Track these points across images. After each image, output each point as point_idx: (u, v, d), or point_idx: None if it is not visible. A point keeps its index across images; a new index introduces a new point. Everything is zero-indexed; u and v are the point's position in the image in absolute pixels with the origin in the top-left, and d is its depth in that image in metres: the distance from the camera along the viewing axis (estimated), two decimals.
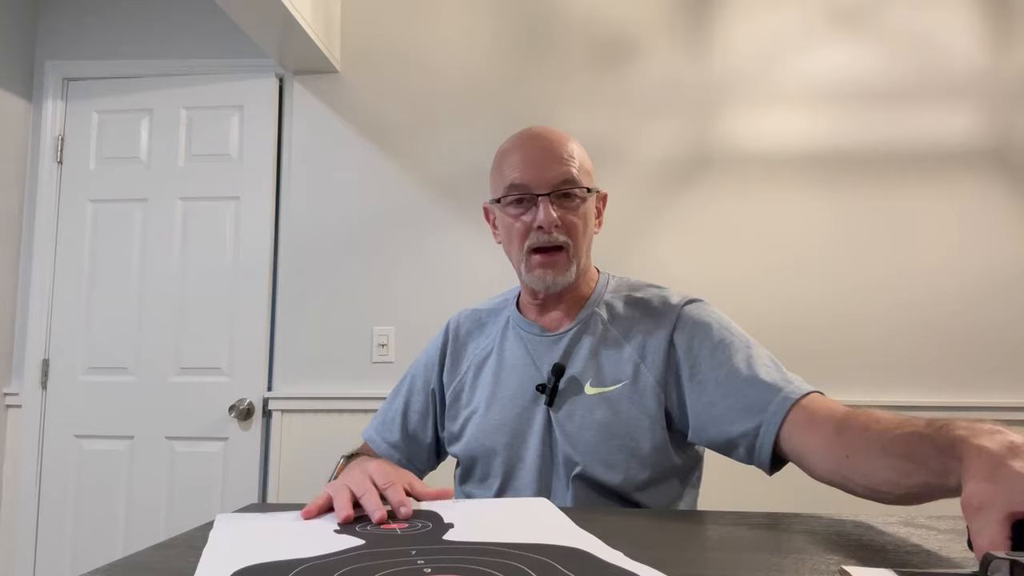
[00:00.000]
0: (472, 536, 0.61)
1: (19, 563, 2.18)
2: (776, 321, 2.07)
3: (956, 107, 2.15)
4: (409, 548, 0.57)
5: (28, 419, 2.24)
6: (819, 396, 0.82)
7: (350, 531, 0.63)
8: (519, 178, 0.93)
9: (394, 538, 0.61)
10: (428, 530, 0.63)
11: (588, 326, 0.97)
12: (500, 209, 0.97)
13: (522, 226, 0.94)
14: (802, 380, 0.84)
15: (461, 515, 0.69)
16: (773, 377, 0.84)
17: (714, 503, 1.00)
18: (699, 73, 2.21)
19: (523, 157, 0.95)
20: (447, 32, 2.29)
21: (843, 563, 0.55)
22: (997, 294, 2.08)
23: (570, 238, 0.94)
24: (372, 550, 0.57)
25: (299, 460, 2.16)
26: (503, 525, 0.65)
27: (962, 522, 0.52)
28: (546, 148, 0.95)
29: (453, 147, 2.24)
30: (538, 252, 0.94)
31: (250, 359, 2.20)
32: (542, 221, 0.91)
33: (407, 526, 0.65)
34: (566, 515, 0.69)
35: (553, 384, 0.94)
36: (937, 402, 2.02)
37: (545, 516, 0.69)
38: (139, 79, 2.36)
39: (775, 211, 2.15)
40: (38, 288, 2.29)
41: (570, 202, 0.94)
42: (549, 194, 0.92)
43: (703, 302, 0.97)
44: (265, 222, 2.24)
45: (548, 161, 0.93)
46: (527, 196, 0.94)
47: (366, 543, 0.59)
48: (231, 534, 0.64)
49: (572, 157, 0.95)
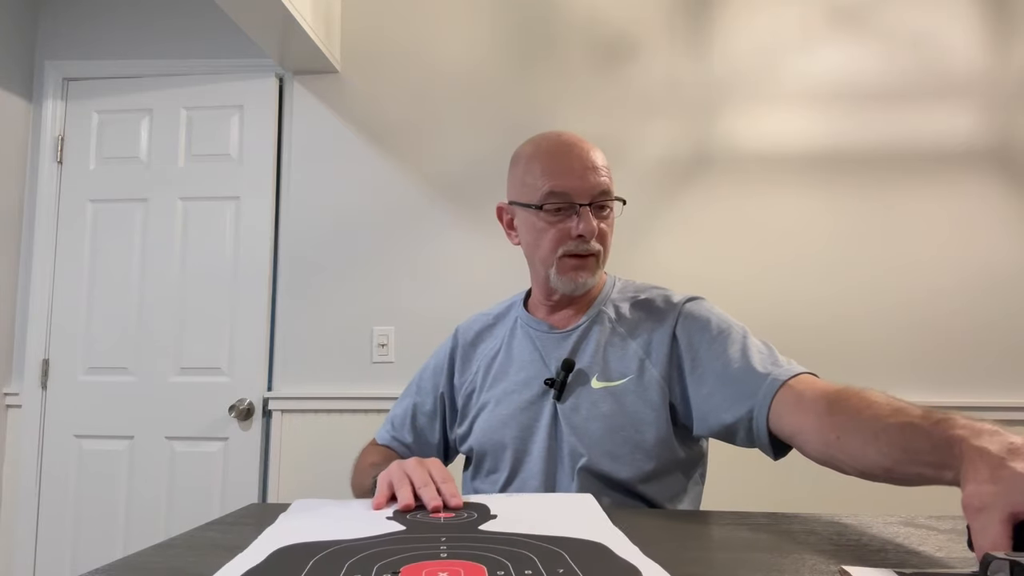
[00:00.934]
0: (506, 528, 0.62)
1: (19, 563, 2.18)
2: (775, 321, 2.07)
3: (955, 107, 2.15)
4: (440, 535, 0.59)
5: (28, 419, 2.24)
6: (809, 377, 0.84)
7: (400, 518, 0.67)
8: (560, 186, 0.95)
9: (434, 526, 0.63)
10: (470, 520, 0.65)
11: (596, 323, 1.00)
12: (532, 213, 0.98)
13: (557, 232, 0.96)
14: (795, 363, 0.87)
15: (507, 508, 0.71)
16: (764, 363, 0.87)
17: (715, 502, 1.00)
18: (699, 73, 2.21)
19: (562, 165, 0.96)
20: (447, 32, 2.29)
21: (843, 563, 0.55)
22: (996, 294, 2.08)
23: (602, 246, 0.98)
24: (408, 535, 0.60)
25: (299, 460, 2.16)
26: (540, 519, 0.66)
27: (962, 522, 0.52)
28: (583, 157, 0.97)
29: (453, 147, 2.24)
30: (573, 257, 0.97)
31: (250, 359, 2.20)
32: (584, 231, 0.94)
33: (453, 515, 0.67)
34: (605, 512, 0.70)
35: (563, 378, 0.96)
36: (937, 402, 2.01)
37: (582, 511, 0.70)
38: (139, 79, 2.36)
39: (775, 211, 2.15)
40: (38, 288, 2.29)
41: (603, 212, 0.98)
42: (590, 204, 0.95)
43: (703, 299, 1.00)
44: (265, 222, 2.25)
45: (586, 171, 0.96)
46: (566, 204, 0.95)
47: (407, 529, 0.62)
48: (294, 517, 0.68)
49: (606, 167, 0.99)
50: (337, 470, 2.14)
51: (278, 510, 0.73)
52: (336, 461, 2.13)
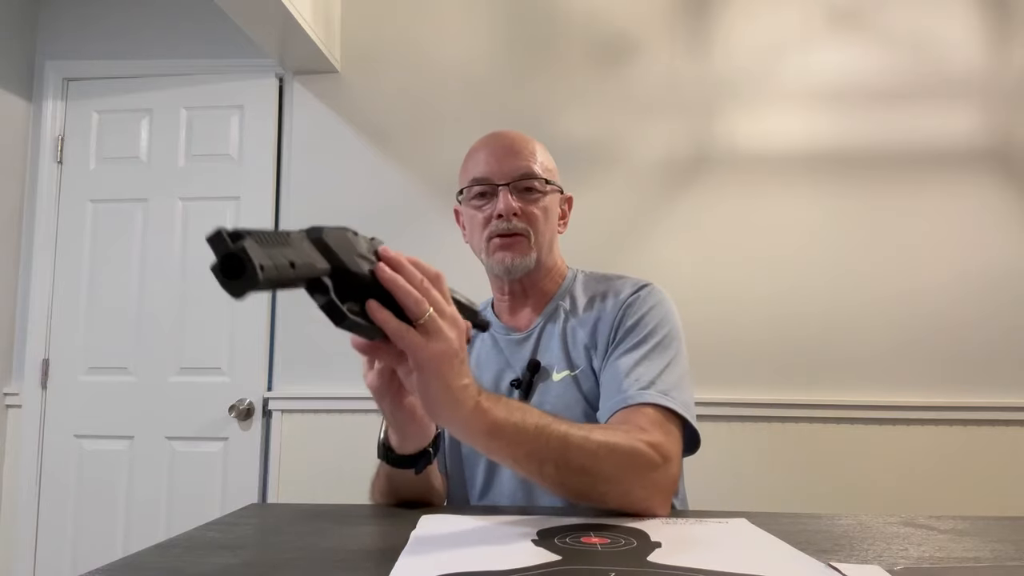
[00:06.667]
0: (678, 560, 0.56)
1: (19, 563, 2.18)
2: (776, 320, 2.07)
3: (955, 107, 2.15)
4: (608, 569, 0.53)
5: (28, 419, 2.24)
6: (648, 411, 0.83)
7: (547, 544, 0.61)
8: (480, 172, 1.00)
9: (593, 555, 0.57)
10: (631, 548, 0.60)
11: (552, 319, 1.02)
12: (465, 202, 1.03)
13: (484, 217, 0.99)
14: (675, 393, 0.85)
15: (668, 535, 0.65)
16: (637, 380, 0.87)
17: (716, 502, 1.00)
18: (699, 73, 2.21)
19: (484, 153, 1.01)
20: (447, 32, 2.29)
21: (836, 560, 0.55)
22: (997, 294, 2.08)
23: (530, 227, 0.98)
24: (568, 567, 0.54)
25: (299, 460, 2.16)
26: (710, 549, 0.61)
27: (962, 522, 0.52)
28: (507, 145, 1.01)
29: (453, 147, 2.23)
30: (498, 237, 0.98)
31: (250, 359, 2.20)
32: (501, 209, 0.96)
33: (608, 542, 0.61)
34: (768, 533, 0.66)
35: (528, 378, 0.98)
36: (937, 402, 2.02)
37: (751, 539, 0.65)
38: (139, 79, 2.36)
39: (775, 210, 2.15)
40: (38, 288, 2.29)
41: (530, 195, 0.99)
42: (508, 184, 0.98)
43: (653, 287, 0.99)
44: (265, 222, 2.24)
45: (508, 156, 0.99)
46: (488, 188, 0.99)
47: (562, 559, 0.56)
48: (432, 536, 0.65)
49: (533, 154, 1.01)
50: (337, 470, 2.15)
51: (278, 510, 0.73)
52: (336, 461, 2.13)
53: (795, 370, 2.07)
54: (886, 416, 2.03)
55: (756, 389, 2.06)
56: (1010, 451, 1.99)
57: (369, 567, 0.58)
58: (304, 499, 0.70)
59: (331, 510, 0.82)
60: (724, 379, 2.06)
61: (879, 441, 2.02)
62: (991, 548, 0.62)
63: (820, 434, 2.03)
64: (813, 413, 2.04)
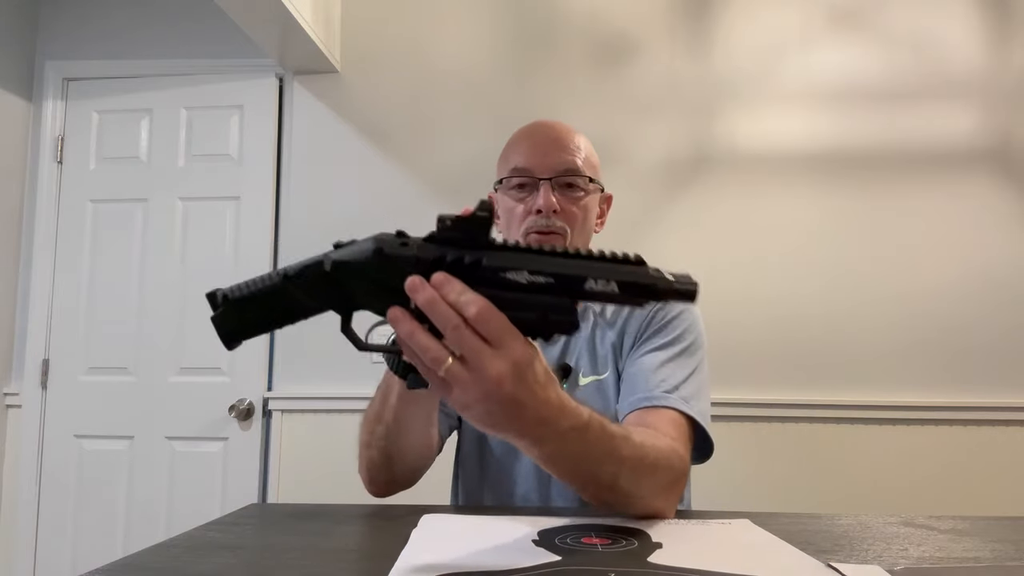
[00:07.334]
0: (679, 561, 0.56)
1: (19, 563, 2.18)
2: (776, 320, 2.07)
3: (956, 107, 2.15)
4: (608, 570, 0.53)
5: (28, 419, 2.24)
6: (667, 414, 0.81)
7: (547, 544, 0.61)
8: (522, 162, 0.95)
9: (593, 555, 0.57)
10: (632, 548, 0.60)
11: (581, 320, 0.99)
12: (503, 192, 0.99)
13: (522, 210, 0.95)
14: (694, 402, 0.85)
15: (669, 535, 0.65)
16: (661, 382, 0.85)
17: (714, 502, 1.00)
18: (699, 73, 2.21)
19: (528, 142, 0.97)
20: (447, 32, 2.29)
21: (836, 561, 0.55)
22: (997, 294, 2.08)
23: (568, 226, 0.94)
24: (567, 567, 0.54)
25: (299, 460, 2.16)
26: (711, 549, 0.61)
27: (962, 522, 0.52)
28: (552, 137, 0.97)
29: (453, 147, 2.24)
30: (536, 233, 0.95)
31: (250, 359, 2.19)
32: (541, 205, 0.92)
33: (609, 542, 0.61)
34: (769, 533, 0.66)
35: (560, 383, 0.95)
36: (937, 402, 2.02)
37: (753, 539, 0.65)
38: (139, 79, 2.35)
39: (775, 210, 2.15)
40: (38, 288, 2.29)
41: (572, 192, 0.95)
42: (551, 179, 0.93)
43: (693, 309, 0.98)
44: (265, 222, 2.24)
45: (553, 149, 0.95)
46: (529, 181, 0.95)
47: (562, 559, 0.56)
48: (432, 535, 0.65)
49: (578, 148, 0.97)
50: (337, 470, 2.14)
51: (278, 510, 0.73)
52: (336, 461, 2.13)
53: (795, 370, 2.07)
54: (886, 416, 2.03)
55: (756, 389, 2.06)
56: (1010, 451, 1.99)
57: (369, 567, 0.58)
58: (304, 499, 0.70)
59: (331, 510, 0.82)
60: (724, 379, 2.06)
61: (879, 441, 2.02)
62: (991, 548, 0.62)
63: (820, 434, 2.03)
64: (813, 413, 2.04)
